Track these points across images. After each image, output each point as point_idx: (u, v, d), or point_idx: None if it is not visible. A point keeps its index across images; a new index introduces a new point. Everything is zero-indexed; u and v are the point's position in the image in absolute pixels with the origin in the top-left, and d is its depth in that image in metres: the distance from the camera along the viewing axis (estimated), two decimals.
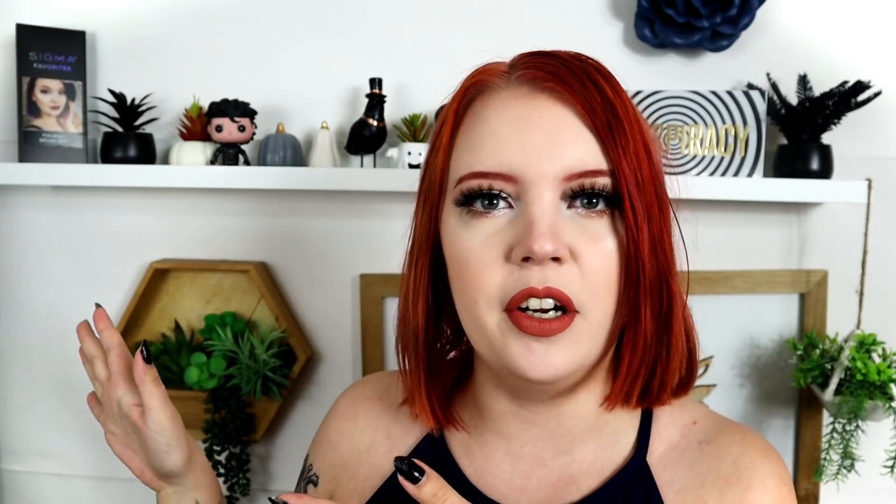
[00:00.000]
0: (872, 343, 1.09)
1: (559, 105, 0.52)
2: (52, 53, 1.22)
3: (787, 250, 1.22)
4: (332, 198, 1.26)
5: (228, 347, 1.22)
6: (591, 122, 0.51)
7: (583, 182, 0.51)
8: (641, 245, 0.51)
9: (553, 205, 0.51)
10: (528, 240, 0.49)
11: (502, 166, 0.51)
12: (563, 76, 0.52)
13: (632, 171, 0.51)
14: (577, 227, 0.51)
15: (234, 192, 1.27)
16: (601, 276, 0.51)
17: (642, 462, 0.59)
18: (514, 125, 0.52)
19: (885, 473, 1.07)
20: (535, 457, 0.60)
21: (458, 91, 0.57)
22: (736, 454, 0.58)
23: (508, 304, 0.51)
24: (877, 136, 1.19)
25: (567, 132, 0.51)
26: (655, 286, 0.52)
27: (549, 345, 0.51)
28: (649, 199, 0.52)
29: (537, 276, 0.50)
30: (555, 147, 0.51)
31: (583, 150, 0.51)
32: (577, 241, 0.51)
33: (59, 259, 1.33)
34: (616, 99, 0.52)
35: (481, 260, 0.52)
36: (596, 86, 0.52)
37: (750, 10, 1.11)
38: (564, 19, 1.20)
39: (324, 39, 1.24)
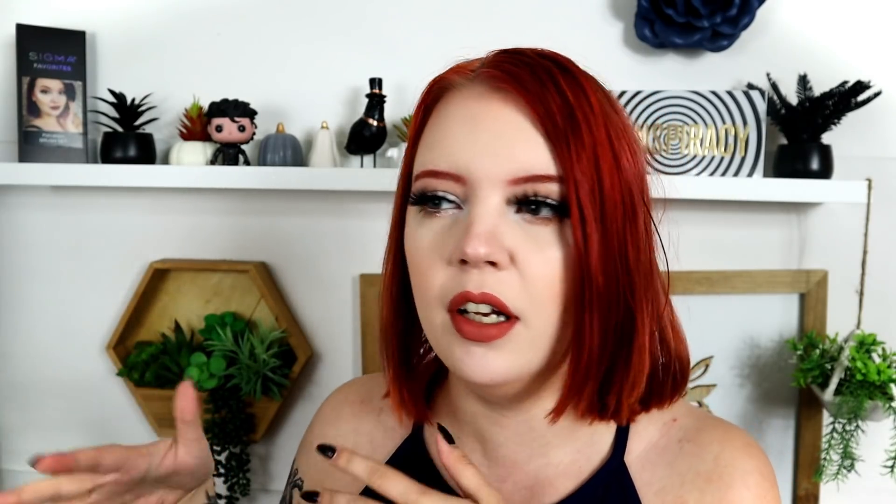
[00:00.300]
0: (872, 343, 1.09)
1: (511, 107, 0.50)
2: (52, 53, 1.22)
3: (787, 250, 1.22)
4: (332, 198, 1.26)
5: (228, 347, 1.22)
6: (543, 126, 0.49)
7: (527, 188, 0.49)
8: (590, 256, 0.49)
9: (496, 208, 0.50)
10: (463, 242, 0.48)
11: (451, 166, 0.51)
12: (520, 76, 0.50)
13: (587, 177, 0.48)
14: (523, 232, 0.50)
15: (234, 192, 1.27)
16: (543, 285, 0.49)
17: (619, 463, 0.58)
18: (467, 126, 0.51)
19: (885, 473, 1.07)
20: (511, 460, 0.59)
21: (427, 88, 0.56)
22: (716, 451, 0.57)
23: (448, 306, 0.51)
24: (877, 136, 1.19)
25: (517, 134, 0.50)
26: (607, 300, 0.50)
27: (487, 350, 0.50)
28: (609, 208, 0.49)
29: (475, 280, 0.49)
30: (503, 149, 0.50)
31: (531, 154, 0.49)
32: (520, 247, 0.49)
33: (60, 259, 1.33)
34: (578, 101, 0.50)
35: (428, 259, 0.52)
36: (556, 86, 0.50)
37: (750, 10, 1.11)
38: (564, 19, 1.20)
39: (324, 39, 1.24)
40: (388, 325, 0.60)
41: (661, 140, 1.14)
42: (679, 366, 0.58)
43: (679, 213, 0.58)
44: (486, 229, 0.49)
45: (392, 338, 0.60)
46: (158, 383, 1.25)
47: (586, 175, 0.48)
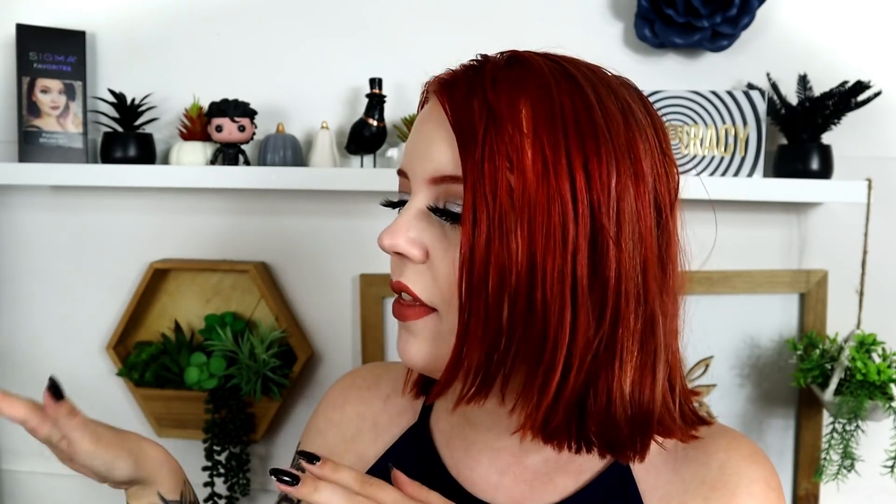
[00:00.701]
0: (872, 343, 1.09)
1: (440, 111, 0.52)
2: (52, 53, 1.22)
3: (787, 250, 1.22)
4: (332, 198, 1.26)
5: (228, 347, 1.22)
6: (457, 128, 0.50)
7: (441, 188, 0.52)
8: (475, 258, 0.47)
9: (417, 206, 0.53)
10: (381, 233, 0.53)
11: (401, 165, 0.56)
12: (455, 82, 0.52)
13: (489, 179, 0.47)
14: (440, 232, 0.52)
15: (234, 192, 1.27)
16: (449, 283, 0.51)
17: (624, 466, 0.58)
18: (413, 130, 0.55)
19: (885, 473, 1.07)
20: (510, 451, 0.59)
21: (421, 96, 0.59)
22: (722, 459, 0.56)
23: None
24: (877, 136, 1.19)
25: (437, 137, 0.52)
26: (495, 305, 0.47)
27: (409, 335, 0.54)
28: (526, 215, 0.47)
29: (396, 270, 0.54)
30: (426, 150, 0.52)
31: (444, 156, 0.51)
32: (434, 245, 0.52)
33: (60, 259, 1.33)
34: (508, 101, 0.48)
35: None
36: (483, 88, 0.50)
37: (750, 10, 1.11)
38: (564, 19, 1.20)
39: (324, 39, 1.24)
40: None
41: None
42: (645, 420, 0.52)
43: (678, 214, 0.57)
44: (400, 224, 0.52)
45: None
46: (158, 383, 1.25)
47: (489, 177, 0.47)
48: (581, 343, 0.48)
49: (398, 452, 0.64)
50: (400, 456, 0.64)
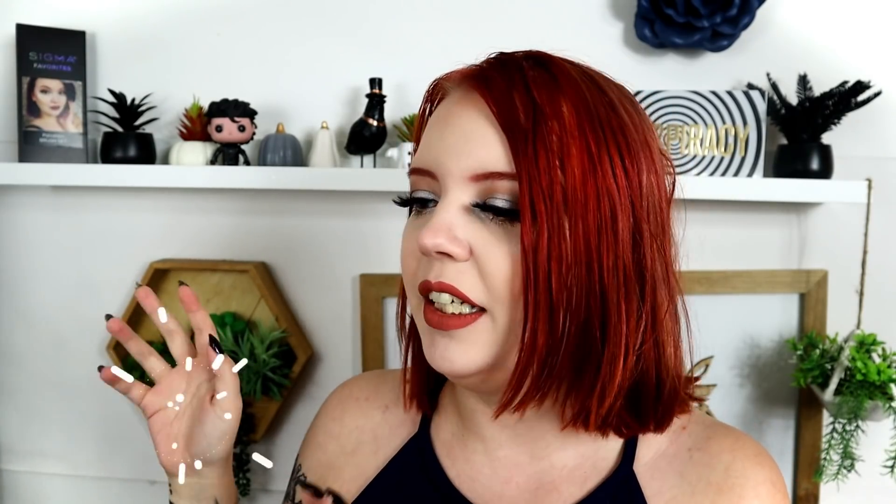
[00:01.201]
0: (872, 343, 1.09)
1: (477, 107, 0.51)
2: (52, 53, 1.22)
3: (787, 250, 1.22)
4: (332, 198, 1.26)
5: (228, 347, 1.22)
6: (503, 124, 0.49)
7: (486, 185, 0.50)
8: (539, 254, 0.48)
9: (456, 204, 0.51)
10: (419, 234, 0.51)
11: (424, 164, 0.54)
12: (491, 77, 0.51)
13: (543, 175, 0.48)
14: (485, 229, 0.51)
15: (234, 192, 1.27)
16: (500, 280, 0.50)
17: (628, 471, 0.57)
18: (441, 127, 0.53)
19: (885, 473, 1.07)
20: (512, 461, 0.59)
21: (425, 94, 0.58)
22: (727, 461, 0.56)
23: (418, 292, 0.54)
24: (877, 136, 1.19)
25: (478, 133, 0.50)
26: (564, 300, 0.48)
27: (449, 340, 0.52)
28: (578, 211, 0.48)
29: (435, 270, 0.51)
30: (464, 147, 0.51)
31: (489, 152, 0.50)
32: (478, 242, 0.50)
33: (59, 259, 1.33)
34: (551, 98, 0.49)
35: (406, 250, 0.55)
36: (525, 85, 0.50)
37: (750, 10, 1.11)
38: (564, 19, 1.20)
39: (324, 39, 1.24)
40: (401, 317, 0.63)
41: (661, 140, 1.14)
42: (672, 388, 0.56)
43: (679, 214, 0.58)
44: (440, 222, 0.50)
45: (406, 331, 0.62)
46: None
47: (544, 173, 0.48)
48: (634, 329, 0.51)
49: (399, 464, 0.64)
50: (401, 468, 0.63)
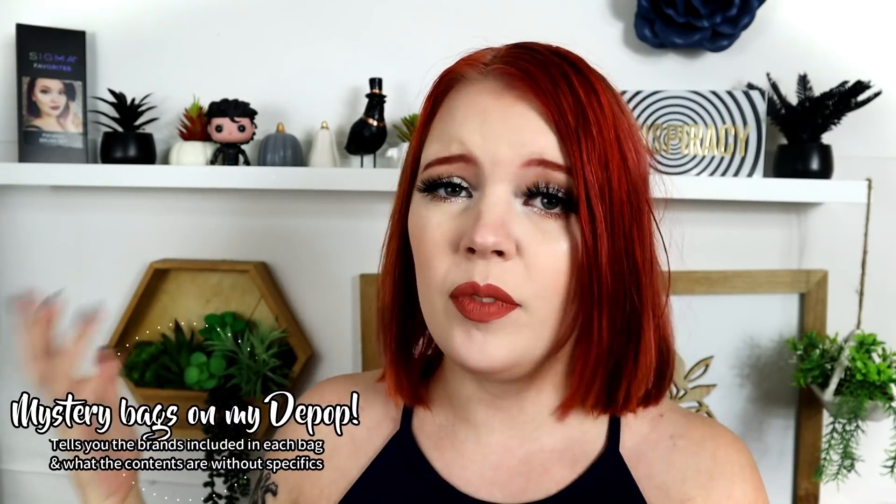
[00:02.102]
0: (872, 343, 1.09)
1: (525, 103, 0.51)
2: (52, 53, 1.22)
3: (787, 250, 1.22)
4: (332, 198, 1.26)
5: (228, 347, 1.22)
6: (555, 123, 0.50)
7: (538, 173, 0.50)
8: (599, 253, 0.50)
9: (505, 197, 0.50)
10: (472, 230, 0.49)
11: (463, 149, 0.51)
12: (534, 74, 0.51)
13: (595, 176, 0.49)
14: (531, 224, 0.51)
15: (234, 192, 1.27)
16: (548, 276, 0.50)
17: (615, 454, 0.59)
18: (478, 117, 0.52)
19: (885, 473, 1.07)
20: (503, 445, 0.60)
21: (437, 79, 0.57)
22: (711, 449, 0.59)
23: (453, 292, 0.51)
24: (877, 136, 1.19)
25: (530, 126, 0.50)
26: (614, 296, 0.51)
27: (487, 334, 0.51)
28: (617, 207, 0.50)
29: (481, 271, 0.50)
30: (515, 135, 0.50)
31: (542, 141, 0.50)
32: (527, 238, 0.50)
33: (60, 259, 1.33)
34: (589, 101, 0.51)
35: (435, 244, 0.52)
36: (569, 85, 0.50)
37: (750, 10, 1.11)
38: (564, 19, 1.20)
39: (324, 39, 1.24)
40: (387, 309, 0.60)
41: (661, 140, 1.14)
42: (671, 360, 0.60)
43: (679, 213, 0.58)
44: (495, 218, 0.49)
45: (391, 322, 0.61)
46: (158, 383, 1.25)
47: (595, 173, 0.49)
48: (658, 314, 0.55)
49: (383, 463, 0.63)
50: (385, 466, 0.63)
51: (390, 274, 0.60)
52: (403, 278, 0.59)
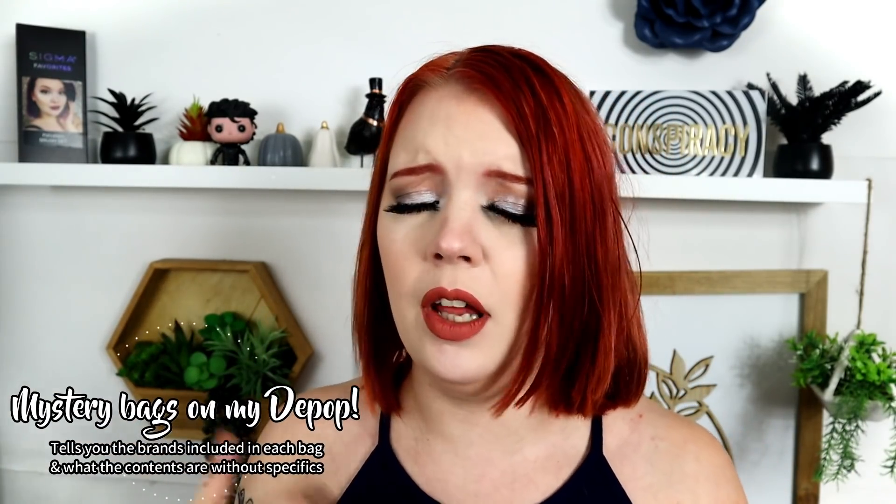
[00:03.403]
0: (872, 343, 1.09)
1: (486, 107, 0.51)
2: (52, 53, 1.22)
3: (787, 250, 1.22)
4: (332, 198, 1.26)
5: (228, 347, 1.22)
6: (516, 127, 0.50)
7: (498, 184, 0.50)
8: (555, 256, 0.49)
9: (470, 204, 0.50)
10: (439, 236, 0.49)
11: (429, 158, 0.51)
12: (495, 77, 0.51)
13: (555, 178, 0.49)
14: (496, 229, 0.51)
15: (234, 192, 1.27)
16: (512, 281, 0.50)
17: (599, 457, 0.59)
18: (444, 123, 0.52)
19: (885, 473, 1.07)
20: (484, 457, 0.59)
21: (401, 86, 0.57)
22: (694, 451, 0.60)
23: (422, 301, 0.51)
24: (877, 136, 1.19)
25: (490, 132, 0.50)
26: (572, 299, 0.50)
27: (459, 347, 0.51)
28: (579, 209, 0.50)
29: (448, 276, 0.50)
30: (477, 142, 0.50)
31: (504, 153, 0.50)
32: (493, 244, 0.50)
33: (59, 259, 1.33)
34: (551, 102, 0.50)
35: (402, 254, 0.52)
36: (530, 88, 0.50)
37: (750, 10, 1.11)
38: (565, 19, 1.20)
39: (324, 40, 1.24)
40: (360, 319, 0.60)
41: (661, 140, 1.14)
42: (642, 363, 0.60)
43: (679, 213, 0.58)
44: (461, 224, 0.49)
45: (364, 332, 0.60)
46: (158, 383, 1.25)
47: (556, 177, 0.49)
48: (620, 316, 0.54)
49: (364, 481, 0.62)
50: (366, 484, 0.61)
51: (362, 282, 0.59)
52: (375, 285, 0.59)
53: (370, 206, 0.59)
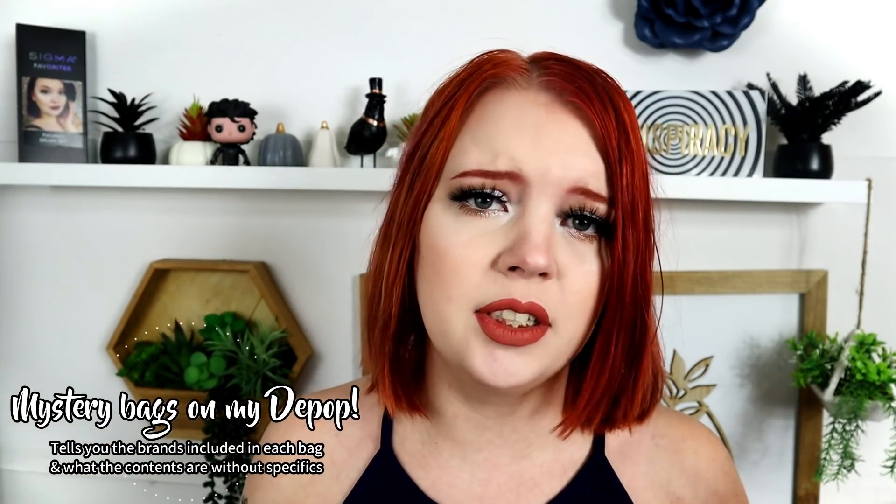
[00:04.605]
0: (872, 343, 1.09)
1: (578, 121, 0.51)
2: (52, 53, 1.22)
3: (787, 250, 1.22)
4: (332, 198, 1.26)
5: (228, 347, 1.22)
6: (604, 147, 0.50)
7: (580, 201, 0.50)
8: (626, 277, 0.51)
9: (549, 218, 0.50)
10: (522, 251, 0.48)
11: (514, 165, 0.49)
12: (588, 93, 0.51)
13: (630, 202, 0.51)
14: (568, 245, 0.51)
15: (234, 192, 1.27)
16: (581, 298, 0.51)
17: (601, 459, 0.60)
18: (530, 131, 0.50)
19: (885, 473, 1.07)
20: (492, 462, 0.59)
21: (474, 79, 0.53)
22: (693, 447, 0.61)
23: (483, 309, 0.49)
24: (877, 136, 1.19)
25: (579, 147, 0.50)
26: (631, 318, 0.52)
27: (514, 354, 0.50)
28: (639, 232, 0.51)
29: (521, 289, 0.49)
30: (567, 156, 0.50)
31: (591, 171, 0.50)
32: (567, 260, 0.50)
33: (59, 259, 1.33)
34: (632, 124, 0.51)
35: (464, 258, 0.50)
36: (615, 109, 0.51)
37: (750, 10, 1.11)
38: (565, 19, 1.20)
39: (324, 39, 1.24)
40: (390, 319, 0.56)
41: (661, 140, 1.14)
42: (660, 377, 0.60)
43: (679, 213, 0.58)
44: (544, 239, 0.49)
45: (392, 333, 0.57)
46: (158, 383, 1.25)
47: (633, 199, 0.51)
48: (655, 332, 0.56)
49: (367, 486, 0.61)
50: (370, 489, 0.61)
51: (398, 284, 0.56)
52: (409, 286, 0.56)
53: (413, 202, 0.54)
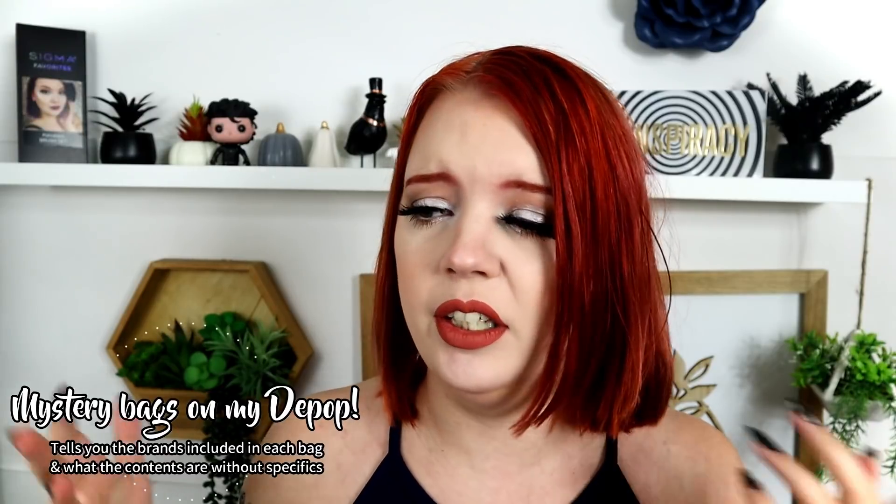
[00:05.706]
0: (872, 343, 1.09)
1: (503, 114, 0.48)
2: (52, 53, 1.22)
3: (787, 250, 1.22)
4: (332, 198, 1.26)
5: (228, 347, 1.22)
6: (534, 135, 0.47)
7: (516, 195, 0.48)
8: (574, 270, 0.47)
9: (485, 216, 0.48)
10: (451, 251, 0.47)
11: (441, 167, 0.50)
12: (514, 82, 0.48)
13: (575, 190, 0.47)
14: (513, 242, 0.49)
15: (234, 192, 1.27)
16: (531, 297, 0.48)
17: (613, 467, 0.59)
18: (459, 130, 0.50)
19: (885, 473, 1.07)
20: (501, 471, 0.58)
21: (420, 89, 0.56)
22: (705, 452, 0.60)
23: (436, 312, 0.50)
24: (877, 136, 1.19)
25: (508, 141, 0.48)
26: (592, 314, 0.48)
27: (472, 356, 0.49)
28: (602, 221, 0.48)
29: (464, 289, 0.48)
30: (494, 153, 0.48)
31: (522, 162, 0.48)
32: (510, 256, 0.48)
33: (60, 259, 1.33)
34: (573, 108, 0.48)
35: (415, 265, 0.51)
36: (551, 93, 0.48)
37: (750, 10, 1.11)
38: (565, 19, 1.20)
39: (324, 39, 1.24)
40: (378, 325, 0.59)
41: (661, 140, 1.14)
42: (669, 379, 0.58)
43: (679, 213, 0.57)
44: (473, 238, 0.47)
45: (383, 339, 0.59)
46: (158, 383, 1.25)
47: (577, 187, 0.47)
48: (647, 332, 0.52)
49: (374, 491, 0.60)
50: (377, 495, 0.60)
51: (379, 291, 0.58)
52: (392, 294, 0.57)
53: (389, 210, 0.57)
